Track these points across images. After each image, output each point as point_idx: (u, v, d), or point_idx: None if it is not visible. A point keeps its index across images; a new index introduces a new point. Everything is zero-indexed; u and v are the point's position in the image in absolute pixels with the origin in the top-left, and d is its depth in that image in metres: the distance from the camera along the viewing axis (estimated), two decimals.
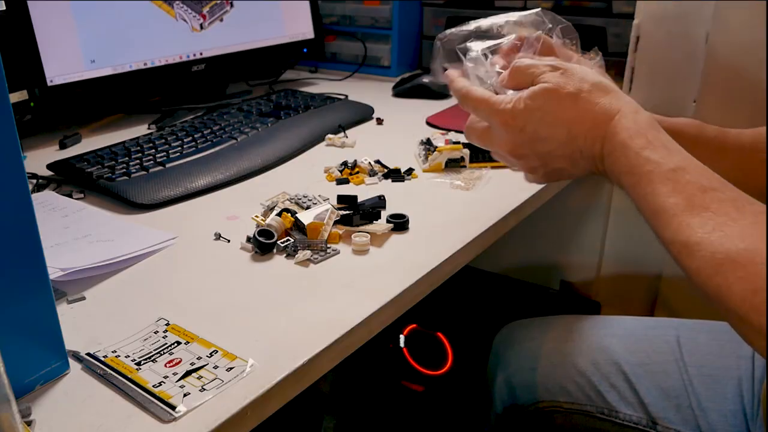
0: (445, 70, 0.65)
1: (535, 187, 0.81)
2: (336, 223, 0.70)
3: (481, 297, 1.38)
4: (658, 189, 0.48)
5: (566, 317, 0.89)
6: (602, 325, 0.85)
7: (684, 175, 0.48)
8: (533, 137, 0.56)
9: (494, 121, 0.58)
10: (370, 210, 0.71)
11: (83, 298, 0.59)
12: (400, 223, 0.71)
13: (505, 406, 0.84)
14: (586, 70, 0.57)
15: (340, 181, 0.86)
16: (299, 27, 1.36)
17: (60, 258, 0.62)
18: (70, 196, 0.82)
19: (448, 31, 0.65)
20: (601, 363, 0.78)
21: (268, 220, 0.69)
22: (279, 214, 0.69)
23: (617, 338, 0.81)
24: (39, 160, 0.93)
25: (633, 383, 0.75)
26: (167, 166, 0.87)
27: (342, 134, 1.04)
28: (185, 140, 0.95)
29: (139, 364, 0.50)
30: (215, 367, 0.49)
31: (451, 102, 1.22)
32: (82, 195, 0.83)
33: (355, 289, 0.60)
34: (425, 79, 1.27)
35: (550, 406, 0.78)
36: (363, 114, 1.14)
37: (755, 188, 0.48)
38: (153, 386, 0.47)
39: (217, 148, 0.94)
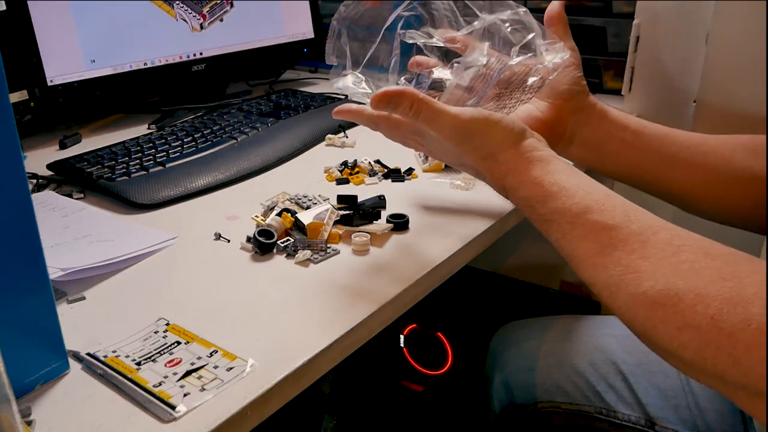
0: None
1: None
2: (336, 223, 0.70)
3: (481, 297, 1.38)
4: (567, 235, 0.50)
5: (563, 317, 0.89)
6: (600, 325, 0.85)
7: (589, 216, 0.49)
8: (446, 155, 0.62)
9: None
10: (370, 210, 0.71)
11: (83, 298, 0.59)
12: (400, 223, 0.71)
13: (503, 406, 0.84)
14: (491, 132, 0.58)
15: (340, 181, 0.86)
16: (299, 27, 1.36)
17: (60, 258, 0.62)
18: (70, 196, 0.82)
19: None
20: (599, 363, 0.78)
21: (268, 220, 0.69)
22: (279, 214, 0.69)
23: (615, 338, 0.81)
24: (39, 160, 0.93)
25: (631, 383, 0.75)
26: (167, 166, 0.87)
27: (342, 134, 1.04)
28: (185, 140, 0.96)
29: (139, 364, 0.50)
30: (215, 367, 0.49)
31: None
32: (82, 195, 0.83)
33: (355, 289, 0.60)
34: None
35: (549, 407, 0.78)
36: None
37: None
38: (153, 386, 0.47)
39: (217, 148, 0.94)
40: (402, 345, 1.22)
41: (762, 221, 0.66)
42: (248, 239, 0.68)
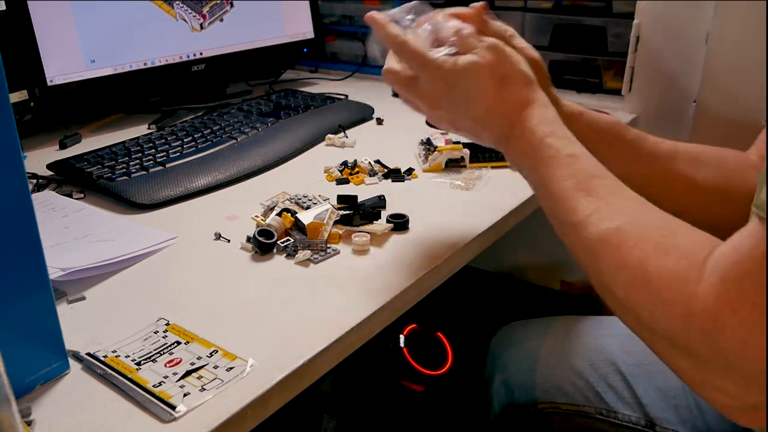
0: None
1: None
2: (336, 223, 0.70)
3: (482, 297, 1.38)
4: (555, 173, 0.54)
5: (563, 318, 0.89)
6: (599, 326, 0.85)
7: (576, 162, 0.54)
8: (455, 101, 0.60)
9: (426, 74, 0.61)
10: (370, 210, 0.71)
11: (83, 298, 0.59)
12: (400, 223, 0.71)
13: (502, 406, 0.84)
14: (517, 58, 0.61)
15: (340, 181, 0.86)
16: (299, 27, 1.36)
17: (60, 258, 0.62)
18: (70, 196, 0.82)
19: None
20: (599, 364, 0.78)
21: (268, 220, 0.69)
22: (279, 214, 0.69)
23: (614, 338, 0.81)
24: (39, 160, 0.93)
25: (631, 383, 0.75)
26: (167, 166, 0.87)
27: (342, 134, 1.04)
28: (185, 140, 0.96)
29: (139, 364, 0.50)
30: (215, 367, 0.49)
31: None
32: (82, 195, 0.83)
33: (355, 289, 0.60)
34: None
35: (549, 408, 0.79)
36: (363, 114, 1.14)
37: (660, 199, 0.52)
38: (153, 386, 0.47)
39: (217, 148, 0.94)
40: (402, 345, 1.22)
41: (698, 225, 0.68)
42: (248, 239, 0.68)
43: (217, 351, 0.51)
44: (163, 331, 0.54)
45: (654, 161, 0.69)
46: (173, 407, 0.45)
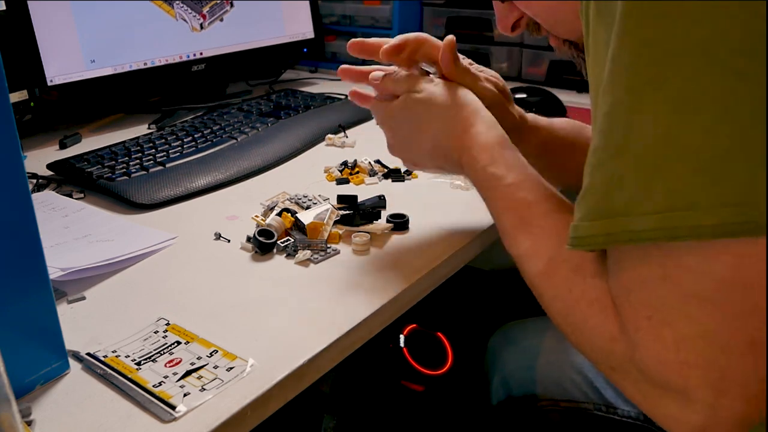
0: None
1: None
2: (336, 223, 0.70)
3: (482, 297, 1.38)
4: (497, 204, 0.57)
5: None
6: None
7: (516, 192, 0.56)
8: (404, 141, 0.65)
9: (377, 117, 0.68)
10: (370, 210, 0.71)
11: (83, 298, 0.59)
12: (400, 223, 0.71)
13: (500, 402, 0.84)
14: (451, 85, 0.63)
15: (340, 181, 0.86)
16: (299, 27, 1.36)
17: (60, 258, 0.62)
18: (70, 196, 0.82)
19: None
20: None
21: (268, 220, 0.69)
22: (279, 214, 0.69)
23: None
24: (39, 160, 0.93)
25: None
26: (167, 165, 0.87)
27: (342, 134, 1.04)
28: (185, 140, 0.96)
29: (139, 364, 0.50)
30: (215, 367, 0.49)
31: None
32: (82, 195, 0.83)
33: (355, 289, 0.60)
34: None
35: (548, 404, 0.79)
36: (363, 114, 1.14)
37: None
38: (153, 386, 0.47)
39: (217, 148, 0.94)
40: (402, 345, 1.22)
41: None
42: (248, 239, 0.68)
43: (217, 351, 0.51)
44: (163, 331, 0.54)
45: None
46: (173, 407, 0.45)
